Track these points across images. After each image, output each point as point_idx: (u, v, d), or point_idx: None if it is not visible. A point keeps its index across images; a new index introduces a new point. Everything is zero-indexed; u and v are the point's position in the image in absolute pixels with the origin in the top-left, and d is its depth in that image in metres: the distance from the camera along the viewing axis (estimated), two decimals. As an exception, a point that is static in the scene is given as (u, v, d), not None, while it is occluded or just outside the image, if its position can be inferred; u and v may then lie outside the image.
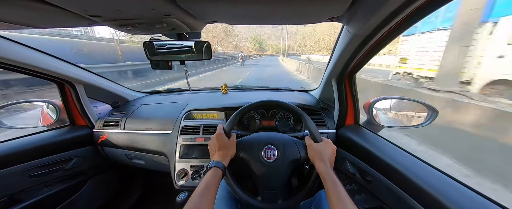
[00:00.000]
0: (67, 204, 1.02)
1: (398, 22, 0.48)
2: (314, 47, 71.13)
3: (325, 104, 1.15)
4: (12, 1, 0.38)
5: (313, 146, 0.62)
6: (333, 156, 0.62)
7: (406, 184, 0.60)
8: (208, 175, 0.56)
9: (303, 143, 0.66)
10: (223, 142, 0.64)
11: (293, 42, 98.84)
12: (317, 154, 0.60)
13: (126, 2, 0.40)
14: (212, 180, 0.54)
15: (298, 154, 0.64)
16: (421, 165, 0.64)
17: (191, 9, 0.48)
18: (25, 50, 0.79)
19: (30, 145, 0.91)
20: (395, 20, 0.46)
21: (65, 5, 0.40)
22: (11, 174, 0.83)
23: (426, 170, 0.61)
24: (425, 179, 0.57)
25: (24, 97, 4.96)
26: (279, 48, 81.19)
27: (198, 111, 1.10)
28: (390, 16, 0.45)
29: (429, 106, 0.80)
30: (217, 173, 0.57)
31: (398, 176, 0.63)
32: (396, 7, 0.41)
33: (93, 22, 0.53)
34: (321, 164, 0.57)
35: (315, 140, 0.64)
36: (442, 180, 0.56)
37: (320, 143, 0.63)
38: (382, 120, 0.92)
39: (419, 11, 0.43)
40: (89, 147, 1.12)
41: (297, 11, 0.47)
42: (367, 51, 0.66)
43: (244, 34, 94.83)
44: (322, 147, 0.62)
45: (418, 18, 0.46)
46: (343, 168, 0.92)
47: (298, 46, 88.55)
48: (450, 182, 0.56)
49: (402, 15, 0.44)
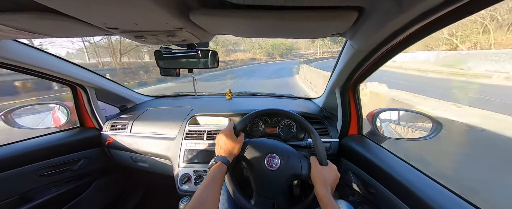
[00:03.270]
0: (73, 204, 1.04)
1: (400, 40, 0.49)
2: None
3: (328, 112, 1.15)
4: (35, 14, 0.41)
5: (318, 168, 0.62)
6: (335, 183, 0.62)
7: (413, 201, 0.59)
8: (214, 169, 0.57)
9: (307, 161, 0.66)
10: (231, 140, 0.65)
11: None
12: (320, 177, 0.59)
13: (143, 17, 0.43)
14: (218, 174, 0.56)
15: (300, 170, 0.64)
16: (429, 182, 0.63)
17: (202, 23, 0.50)
18: (43, 55, 0.84)
19: (42, 145, 0.95)
20: (397, 38, 0.47)
21: (87, 19, 0.43)
22: (23, 174, 0.86)
23: (434, 188, 0.60)
24: (434, 198, 0.56)
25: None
26: (287, 47, 45.79)
27: (202, 116, 1.12)
28: (392, 34, 0.46)
29: (434, 119, 0.80)
30: (222, 168, 0.58)
31: (404, 191, 0.62)
32: (399, 27, 0.43)
33: (109, 33, 0.57)
34: (322, 187, 0.57)
35: (321, 162, 0.63)
36: (449, 199, 0.56)
37: (325, 167, 0.63)
38: (386, 131, 0.92)
39: (422, 31, 0.45)
40: (97, 148, 1.15)
41: (302, 27, 0.49)
42: (370, 65, 0.67)
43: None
44: (327, 171, 0.61)
45: (420, 36, 0.47)
46: (346, 178, 0.91)
47: (312, 44, 48.25)
48: (458, 201, 0.55)
49: (404, 34, 0.45)
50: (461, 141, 2.91)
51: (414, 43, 0.52)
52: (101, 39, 11.45)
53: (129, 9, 0.38)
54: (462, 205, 0.53)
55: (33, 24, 0.46)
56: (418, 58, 15.76)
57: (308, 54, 45.28)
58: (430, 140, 0.76)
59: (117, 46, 12.00)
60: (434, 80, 10.11)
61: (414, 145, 2.46)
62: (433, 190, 0.59)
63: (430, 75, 11.62)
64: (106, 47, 12.57)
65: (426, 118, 0.84)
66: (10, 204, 0.83)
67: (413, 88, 6.94)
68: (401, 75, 12.03)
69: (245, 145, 0.69)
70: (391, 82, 6.67)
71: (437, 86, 8.53)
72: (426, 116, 0.83)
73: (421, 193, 0.58)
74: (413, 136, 0.83)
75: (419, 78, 10.85)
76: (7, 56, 0.69)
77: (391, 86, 4.95)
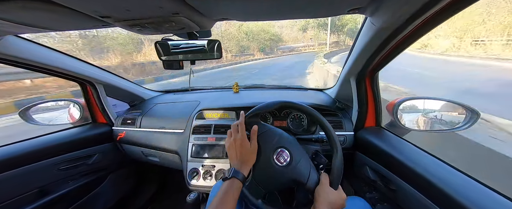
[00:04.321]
0: (90, 197, 1.09)
1: (435, 12, 0.40)
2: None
3: (342, 104, 1.07)
4: (23, 2, 0.39)
5: (326, 188, 0.55)
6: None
7: (443, 199, 0.52)
8: (224, 186, 0.53)
9: (317, 176, 0.59)
10: (244, 150, 0.58)
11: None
12: (325, 197, 0.53)
13: (135, 1, 0.40)
14: (229, 193, 0.51)
15: (305, 180, 0.58)
16: (464, 179, 0.54)
17: (199, 6, 0.45)
18: (52, 53, 0.84)
19: (58, 141, 0.98)
20: (431, 10, 0.39)
21: (74, 6, 0.40)
22: (44, 167, 0.90)
23: (471, 185, 0.52)
24: (471, 196, 0.48)
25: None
26: (271, 37, 26.58)
27: (209, 111, 1.10)
28: (426, 5, 0.38)
29: (468, 107, 0.70)
30: (234, 184, 0.53)
31: (432, 189, 0.55)
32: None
33: (106, 24, 0.54)
34: (323, 208, 0.51)
35: (332, 184, 0.56)
36: (489, 198, 0.48)
37: (334, 191, 0.56)
38: (409, 122, 0.83)
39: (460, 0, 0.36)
40: (109, 143, 1.18)
41: (313, 2, 0.42)
42: (394, 46, 0.58)
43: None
44: (335, 195, 0.54)
45: (459, 7, 0.38)
46: (362, 173, 0.85)
47: (302, 35, 33.49)
48: (501, 200, 0.47)
49: (440, 4, 0.37)
50: None
51: (450, 16, 0.43)
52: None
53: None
54: (507, 205, 0.45)
55: (24, 15, 0.45)
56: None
57: (300, 47, 29.14)
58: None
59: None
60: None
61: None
62: (469, 188, 0.51)
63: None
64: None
65: (458, 106, 0.73)
66: (31, 196, 0.88)
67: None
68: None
69: (263, 129, 0.64)
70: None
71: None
72: (458, 104, 0.73)
73: (454, 192, 0.50)
74: (443, 128, 0.73)
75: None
76: (11, 53, 0.69)
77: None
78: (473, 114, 0.68)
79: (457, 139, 1.93)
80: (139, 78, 8.21)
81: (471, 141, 1.88)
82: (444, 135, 1.81)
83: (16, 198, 0.83)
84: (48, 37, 8.78)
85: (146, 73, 9.50)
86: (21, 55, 0.72)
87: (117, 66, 9.23)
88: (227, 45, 21.28)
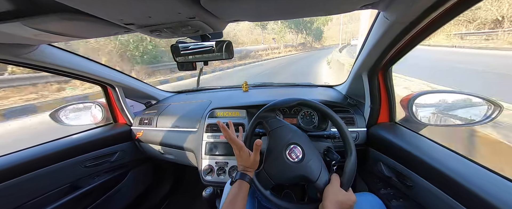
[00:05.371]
0: (113, 192, 1.17)
1: (453, 4, 0.39)
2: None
3: (353, 100, 1.06)
4: (59, 15, 0.44)
5: (336, 188, 0.55)
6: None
7: (465, 196, 0.50)
8: (233, 189, 0.55)
9: (328, 176, 0.60)
10: (244, 161, 0.61)
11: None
12: (334, 197, 0.53)
13: (156, 9, 0.43)
14: (238, 194, 0.54)
15: (315, 178, 0.58)
16: (488, 175, 0.53)
17: (214, 9, 0.48)
18: (78, 59, 0.92)
19: (84, 140, 1.06)
20: (449, 2, 0.38)
21: (105, 16, 0.44)
22: (72, 164, 0.99)
23: (493, 180, 0.51)
24: (492, 191, 0.47)
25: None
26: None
27: (220, 110, 1.13)
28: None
29: (490, 100, 0.67)
30: (242, 186, 0.56)
31: (453, 186, 0.53)
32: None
33: (128, 30, 0.58)
34: (332, 207, 0.52)
35: (342, 185, 0.57)
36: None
37: (344, 192, 0.56)
38: (425, 117, 0.80)
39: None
40: (129, 142, 1.26)
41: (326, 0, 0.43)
42: (408, 40, 0.57)
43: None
44: (344, 196, 0.55)
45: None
46: (376, 170, 0.84)
47: (259, 35, 24.19)
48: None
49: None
50: None
51: (468, 8, 0.42)
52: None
53: (142, 2, 0.38)
54: None
55: (59, 26, 0.49)
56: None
57: (260, 51, 19.50)
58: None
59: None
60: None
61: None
62: (492, 182, 0.49)
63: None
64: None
65: (478, 99, 0.70)
66: (63, 191, 0.96)
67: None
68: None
69: (279, 124, 0.65)
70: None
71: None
72: (479, 98, 0.70)
73: (475, 187, 0.49)
74: (462, 122, 0.71)
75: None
76: (45, 60, 0.77)
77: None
78: (495, 106, 0.65)
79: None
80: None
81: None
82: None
83: (50, 193, 0.91)
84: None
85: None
86: (53, 61, 0.79)
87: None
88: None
